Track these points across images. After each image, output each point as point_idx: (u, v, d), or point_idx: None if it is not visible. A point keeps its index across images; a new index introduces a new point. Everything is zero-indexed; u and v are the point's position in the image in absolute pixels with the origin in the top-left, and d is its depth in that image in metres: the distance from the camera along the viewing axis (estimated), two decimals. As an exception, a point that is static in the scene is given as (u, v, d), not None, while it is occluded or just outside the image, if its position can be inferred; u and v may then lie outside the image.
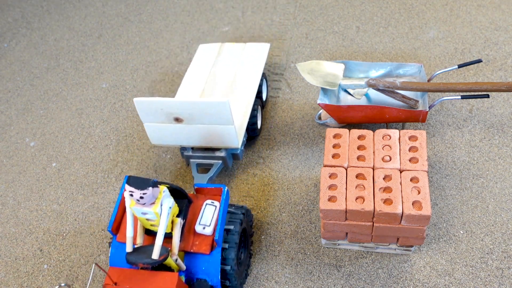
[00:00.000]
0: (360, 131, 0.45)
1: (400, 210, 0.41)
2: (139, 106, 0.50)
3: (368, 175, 0.44)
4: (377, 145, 0.45)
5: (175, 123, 0.50)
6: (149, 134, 0.52)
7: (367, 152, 0.45)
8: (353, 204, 0.43)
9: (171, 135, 0.52)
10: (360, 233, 0.44)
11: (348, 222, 0.44)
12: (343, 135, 0.45)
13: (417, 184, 0.42)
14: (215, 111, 0.48)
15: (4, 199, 0.54)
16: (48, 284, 0.46)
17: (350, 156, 0.45)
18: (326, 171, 0.44)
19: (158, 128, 0.51)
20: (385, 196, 0.42)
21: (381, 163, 0.44)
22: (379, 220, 0.42)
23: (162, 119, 0.50)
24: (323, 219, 0.44)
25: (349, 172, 0.44)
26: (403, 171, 0.43)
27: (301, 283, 0.45)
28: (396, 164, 0.44)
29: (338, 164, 0.44)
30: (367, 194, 0.42)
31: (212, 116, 0.49)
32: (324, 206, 0.43)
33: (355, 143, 0.45)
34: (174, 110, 0.49)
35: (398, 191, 0.42)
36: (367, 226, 0.43)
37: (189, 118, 0.49)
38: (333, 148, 0.45)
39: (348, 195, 0.43)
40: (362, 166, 0.44)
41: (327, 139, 0.45)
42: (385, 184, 0.43)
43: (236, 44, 0.64)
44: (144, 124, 0.51)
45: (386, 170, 0.44)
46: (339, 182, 0.43)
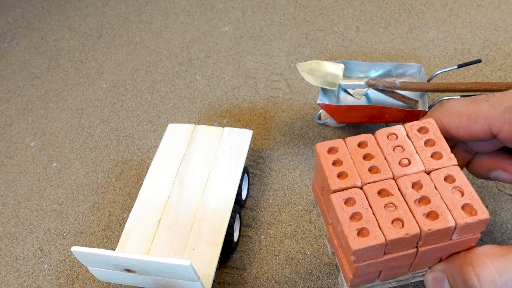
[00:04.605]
0: (358, 138, 0.34)
1: (452, 222, 0.30)
2: (80, 256, 0.38)
3: (392, 188, 0.32)
4: (385, 149, 0.34)
5: (126, 272, 0.39)
6: (95, 275, 0.42)
7: (378, 160, 0.33)
8: (392, 231, 0.30)
9: (123, 279, 0.41)
10: (399, 266, 0.33)
11: (386, 257, 0.31)
12: (339, 147, 0.34)
13: (455, 183, 0.32)
14: (174, 271, 0.37)
15: (4, 199, 0.55)
16: (49, 283, 0.46)
17: (360, 171, 0.33)
18: (338, 199, 0.31)
19: (106, 273, 0.40)
20: (426, 209, 0.31)
21: (400, 169, 0.33)
22: (426, 242, 0.31)
23: (110, 267, 0.39)
24: (355, 262, 0.30)
25: (367, 192, 0.32)
26: (431, 172, 0.33)
27: (301, 282, 0.45)
28: (419, 165, 0.33)
29: (349, 185, 0.32)
30: (404, 213, 0.31)
31: (171, 274, 0.38)
32: (358, 245, 0.29)
33: (358, 153, 0.34)
34: (123, 264, 0.38)
35: (438, 199, 0.31)
36: (410, 255, 0.32)
37: (143, 272, 0.39)
38: (334, 166, 0.33)
39: (381, 221, 0.30)
40: (380, 179, 0.33)
41: (322, 158, 0.33)
42: (418, 195, 0.31)
43: (213, 127, 0.51)
44: (89, 267, 0.40)
45: (411, 177, 0.33)
46: (362, 208, 0.31)
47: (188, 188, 0.46)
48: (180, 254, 0.42)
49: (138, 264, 0.37)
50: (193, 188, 0.46)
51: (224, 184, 0.46)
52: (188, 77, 0.67)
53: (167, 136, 0.51)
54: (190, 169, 0.48)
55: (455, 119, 0.33)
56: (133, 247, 0.43)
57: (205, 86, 0.65)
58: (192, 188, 0.46)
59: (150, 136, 0.59)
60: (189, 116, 0.61)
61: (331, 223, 0.33)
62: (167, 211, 0.45)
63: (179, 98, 0.64)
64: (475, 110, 0.33)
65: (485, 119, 0.32)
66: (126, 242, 0.43)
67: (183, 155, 0.49)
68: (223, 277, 0.46)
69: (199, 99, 0.63)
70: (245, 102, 0.62)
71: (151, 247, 0.43)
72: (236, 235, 0.47)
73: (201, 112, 0.61)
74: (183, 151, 0.50)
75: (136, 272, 0.39)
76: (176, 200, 0.46)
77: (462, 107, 0.33)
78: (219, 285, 0.45)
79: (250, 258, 0.47)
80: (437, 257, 0.33)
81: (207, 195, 0.46)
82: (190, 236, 0.43)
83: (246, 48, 0.70)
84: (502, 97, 0.32)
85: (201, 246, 0.42)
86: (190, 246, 0.42)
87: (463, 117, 0.33)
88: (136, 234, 0.44)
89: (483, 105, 0.33)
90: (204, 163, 0.48)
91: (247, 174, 0.51)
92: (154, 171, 0.48)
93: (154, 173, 0.48)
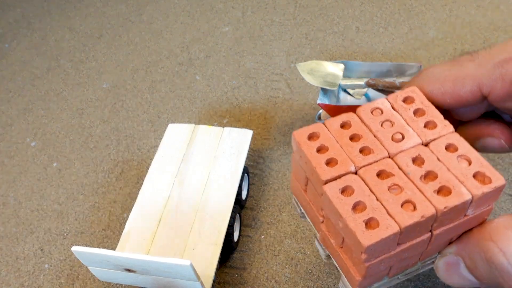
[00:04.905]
0: (339, 118, 0.30)
1: (468, 195, 0.26)
2: (80, 256, 0.38)
3: (392, 168, 0.28)
4: (372, 126, 0.30)
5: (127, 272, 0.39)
6: (95, 274, 0.42)
7: (368, 140, 0.29)
8: (405, 216, 0.25)
9: (123, 279, 0.41)
10: (411, 257, 0.29)
11: (400, 248, 0.27)
12: (321, 132, 0.29)
13: (459, 151, 0.28)
14: (174, 271, 0.37)
15: (5, 199, 0.55)
16: (49, 283, 0.47)
17: (350, 155, 0.28)
18: (333, 189, 0.26)
19: (106, 273, 0.40)
20: (435, 185, 0.26)
21: (395, 146, 0.29)
22: (441, 223, 0.27)
23: (110, 267, 0.39)
24: (367, 261, 0.26)
25: (364, 176, 0.27)
26: (429, 144, 0.29)
27: (301, 282, 0.45)
28: (414, 138, 0.29)
29: (342, 172, 0.27)
30: (412, 194, 0.26)
31: (171, 273, 0.38)
32: (369, 239, 0.24)
33: (343, 136, 0.29)
34: (123, 263, 0.38)
35: (445, 171, 0.27)
36: (424, 241, 0.28)
37: (143, 271, 0.38)
38: (319, 153, 0.28)
39: (389, 207, 0.26)
40: (375, 160, 0.28)
41: (303, 146, 0.28)
42: (422, 170, 0.27)
43: (213, 128, 0.50)
44: (89, 267, 0.40)
45: (409, 152, 0.28)
46: (363, 195, 0.26)
47: (188, 188, 0.46)
48: (180, 254, 0.42)
49: (138, 264, 0.37)
50: (193, 188, 0.46)
51: (224, 184, 0.46)
52: (188, 77, 0.67)
53: (167, 136, 0.51)
54: (190, 169, 0.48)
55: (439, 86, 0.30)
56: (133, 247, 0.43)
57: (205, 86, 0.65)
58: (192, 188, 0.46)
59: (150, 136, 0.59)
60: (189, 116, 0.61)
61: (324, 222, 0.29)
62: (167, 211, 0.45)
63: (179, 98, 0.64)
64: (460, 72, 0.30)
65: (473, 80, 0.29)
66: (126, 242, 0.43)
67: (183, 155, 0.49)
68: (223, 277, 0.46)
69: (199, 99, 0.63)
70: (245, 102, 0.62)
71: (151, 247, 0.43)
72: (236, 235, 0.47)
73: (201, 112, 0.61)
74: (183, 151, 0.50)
75: (136, 272, 0.39)
76: (176, 200, 0.46)
77: (445, 71, 0.30)
78: (219, 285, 0.45)
79: (250, 258, 0.47)
80: (448, 239, 0.30)
81: (207, 195, 0.46)
82: (190, 236, 0.43)
83: (246, 48, 0.70)
84: (489, 53, 0.29)
85: (201, 246, 0.42)
86: (190, 246, 0.42)
87: (447, 82, 0.30)
88: (136, 234, 0.44)
89: (468, 65, 0.29)
90: (204, 163, 0.48)
91: (247, 174, 0.51)
92: (154, 171, 0.48)
93: (154, 173, 0.48)
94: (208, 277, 0.40)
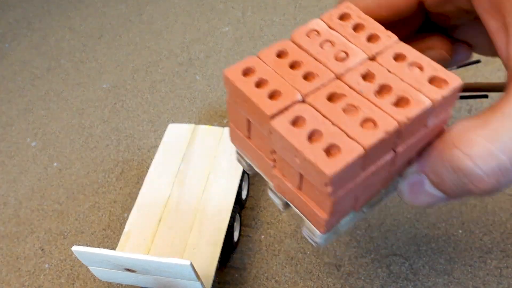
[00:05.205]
0: (274, 48, 0.28)
1: (428, 101, 0.24)
2: (81, 256, 0.38)
3: (342, 89, 0.25)
4: (311, 49, 0.27)
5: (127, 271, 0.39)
6: (96, 274, 0.42)
7: (309, 64, 0.26)
8: (367, 135, 0.23)
9: (123, 279, 0.41)
10: (375, 183, 0.27)
11: (365, 173, 0.25)
12: (256, 66, 0.26)
13: (409, 60, 0.26)
14: (174, 271, 0.37)
15: (5, 199, 0.55)
16: (50, 283, 0.47)
17: (294, 83, 0.25)
18: (282, 123, 0.23)
19: (106, 272, 0.41)
20: (392, 98, 0.24)
21: (340, 65, 0.26)
22: (404, 138, 0.25)
23: (110, 267, 0.39)
24: (332, 195, 0.23)
25: (314, 103, 0.24)
26: (376, 57, 0.27)
27: (301, 282, 0.45)
28: (359, 54, 0.26)
29: (288, 103, 0.24)
30: (370, 111, 0.24)
31: (171, 273, 0.38)
32: (333, 168, 0.21)
33: (282, 65, 0.26)
34: (123, 263, 0.38)
35: (399, 82, 0.25)
36: (389, 163, 0.25)
37: (143, 271, 0.38)
38: (258, 88, 0.25)
39: (348, 129, 0.23)
40: (322, 83, 0.25)
41: (239, 84, 0.25)
42: (375, 85, 0.25)
43: (213, 127, 0.50)
44: (89, 267, 0.40)
45: (357, 69, 0.26)
46: (317, 123, 0.23)
47: (188, 188, 0.47)
48: (180, 254, 0.42)
49: (138, 263, 0.37)
50: (193, 188, 0.47)
51: (224, 184, 0.47)
52: (188, 77, 0.67)
53: (167, 136, 0.51)
54: (190, 169, 0.48)
55: None
56: (133, 247, 0.43)
57: (205, 86, 0.65)
58: (192, 188, 0.47)
59: (151, 136, 0.60)
60: (189, 116, 0.61)
61: (276, 166, 0.26)
62: (167, 211, 0.45)
63: (179, 98, 0.64)
64: None
65: None
66: (126, 241, 0.43)
67: (183, 155, 0.49)
68: (223, 277, 0.46)
69: (199, 99, 0.63)
70: (245, 102, 0.62)
71: (152, 247, 0.43)
72: (236, 235, 0.47)
73: (201, 112, 0.62)
74: (183, 151, 0.50)
75: (136, 272, 0.39)
76: (176, 200, 0.46)
77: None
78: (219, 285, 0.45)
79: (250, 258, 0.47)
80: (408, 159, 0.28)
81: (207, 195, 0.46)
82: (190, 236, 0.43)
83: (246, 48, 0.70)
84: None
85: (201, 246, 0.42)
86: (190, 246, 0.42)
87: None
88: (137, 233, 0.44)
89: None
90: (204, 163, 0.48)
91: (247, 174, 0.51)
92: (154, 171, 0.48)
93: (154, 173, 0.48)
94: (208, 277, 0.40)
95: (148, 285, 0.41)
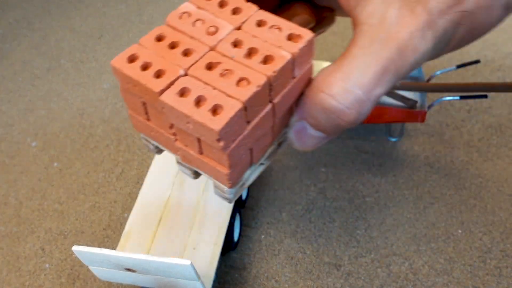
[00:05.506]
0: (152, 34, 0.30)
1: (288, 55, 0.28)
2: (81, 255, 0.38)
3: (217, 58, 0.29)
4: (186, 29, 0.30)
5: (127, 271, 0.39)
6: (96, 274, 0.42)
7: (186, 43, 0.30)
8: (242, 91, 0.27)
9: (124, 278, 0.41)
10: (264, 134, 0.31)
11: (250, 126, 0.28)
12: (138, 52, 0.29)
13: (269, 24, 0.30)
14: (175, 271, 0.37)
15: (6, 199, 0.55)
16: (50, 283, 0.47)
17: (175, 61, 0.28)
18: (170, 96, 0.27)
19: (107, 272, 0.41)
20: (259, 57, 0.28)
21: (212, 38, 0.30)
22: (276, 90, 0.29)
23: (110, 267, 0.39)
24: (225, 148, 0.27)
25: (195, 74, 0.28)
26: (241, 26, 0.30)
27: (301, 282, 0.45)
28: (227, 26, 0.30)
29: (173, 79, 0.28)
30: (242, 72, 0.28)
31: (172, 273, 0.38)
32: (219, 123, 0.25)
33: (162, 47, 0.30)
34: (123, 263, 0.38)
35: (263, 43, 0.29)
36: (269, 113, 0.29)
37: (143, 271, 0.39)
38: (144, 71, 0.28)
39: (226, 89, 0.27)
40: (200, 57, 0.29)
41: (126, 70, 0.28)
42: (244, 50, 0.29)
43: None
44: (90, 267, 0.40)
45: (226, 39, 0.30)
46: (200, 89, 0.27)
47: (188, 188, 0.47)
48: (181, 254, 0.42)
49: (138, 263, 0.38)
50: (193, 188, 0.47)
51: None
52: (189, 78, 0.67)
53: None
54: None
55: None
56: (133, 247, 0.43)
57: (206, 87, 0.65)
58: (192, 188, 0.47)
59: (151, 136, 0.60)
60: (190, 116, 0.61)
61: (177, 139, 0.29)
62: (167, 211, 0.45)
63: (179, 98, 0.64)
64: None
65: None
66: (126, 241, 0.43)
67: None
68: (223, 277, 0.46)
69: (200, 99, 0.63)
70: (245, 102, 0.62)
71: (152, 247, 0.43)
72: (236, 235, 0.47)
73: (202, 112, 0.62)
74: None
75: (136, 272, 0.39)
76: (177, 200, 0.46)
77: None
78: (219, 284, 0.45)
79: (250, 258, 0.47)
80: (289, 109, 0.32)
81: (207, 195, 0.46)
82: (191, 236, 0.43)
83: (246, 48, 0.70)
84: None
85: (201, 245, 0.42)
86: (191, 246, 0.42)
87: None
88: (137, 233, 0.44)
89: None
90: None
91: None
92: (154, 171, 0.49)
93: (154, 173, 0.48)
94: (208, 277, 0.41)
95: (148, 285, 0.41)
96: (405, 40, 0.26)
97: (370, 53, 0.26)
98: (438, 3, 0.26)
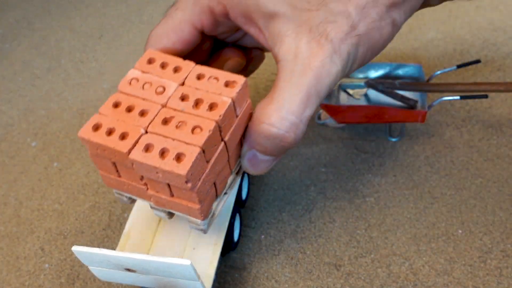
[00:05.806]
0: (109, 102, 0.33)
1: (228, 99, 0.32)
2: (81, 256, 0.38)
3: (170, 113, 0.33)
4: (137, 93, 0.34)
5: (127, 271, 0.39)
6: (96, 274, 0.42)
7: (140, 105, 0.33)
8: (198, 138, 0.31)
9: (123, 278, 0.41)
10: (222, 168, 0.35)
11: (210, 163, 0.33)
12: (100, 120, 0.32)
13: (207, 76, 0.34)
14: (175, 271, 0.37)
15: (6, 199, 0.55)
16: (50, 283, 0.47)
17: (134, 123, 0.32)
18: (137, 154, 0.30)
19: (106, 272, 0.40)
20: (205, 106, 0.33)
21: (162, 97, 0.33)
22: (225, 129, 0.33)
23: (110, 267, 0.39)
24: (193, 188, 0.31)
25: (154, 130, 0.32)
26: (184, 83, 0.34)
27: (301, 282, 0.45)
28: (172, 84, 0.34)
29: (136, 138, 0.31)
30: (193, 120, 0.32)
31: (172, 273, 0.37)
32: (184, 168, 0.29)
33: (120, 113, 0.33)
34: (123, 263, 0.38)
35: (205, 93, 0.33)
36: (223, 150, 0.34)
37: (143, 271, 0.39)
38: (109, 136, 0.31)
39: (184, 138, 0.31)
40: (155, 115, 0.33)
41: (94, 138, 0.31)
42: (191, 102, 0.33)
43: None
44: (89, 267, 0.41)
45: (175, 95, 0.33)
46: (162, 143, 0.31)
47: None
48: (181, 254, 0.42)
49: (138, 263, 0.37)
50: None
51: None
52: (189, 78, 0.67)
53: None
54: None
55: (166, 40, 0.35)
56: (133, 247, 0.43)
57: (206, 87, 0.65)
58: None
59: (151, 136, 0.60)
60: (190, 116, 0.61)
61: (148, 187, 0.33)
62: None
63: (179, 98, 0.64)
64: (175, 21, 0.35)
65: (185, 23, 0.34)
66: (126, 241, 0.43)
67: None
68: (223, 277, 0.46)
69: (200, 100, 0.63)
70: (245, 103, 0.62)
71: (152, 247, 0.43)
72: (236, 235, 0.47)
73: (202, 112, 0.62)
74: None
75: (136, 272, 0.39)
76: None
77: (164, 28, 0.35)
78: (219, 284, 0.45)
79: (250, 258, 0.47)
80: (238, 143, 0.36)
81: None
82: (190, 236, 0.43)
83: (246, 48, 0.70)
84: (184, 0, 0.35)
85: (201, 246, 0.42)
86: (191, 246, 0.42)
87: (171, 34, 0.35)
88: (137, 233, 0.44)
89: (177, 14, 0.35)
90: None
91: (248, 174, 0.51)
92: None
93: None
94: (208, 277, 0.40)
95: (148, 285, 0.41)
96: (319, 67, 0.30)
97: (293, 84, 0.31)
98: (337, 33, 0.30)
